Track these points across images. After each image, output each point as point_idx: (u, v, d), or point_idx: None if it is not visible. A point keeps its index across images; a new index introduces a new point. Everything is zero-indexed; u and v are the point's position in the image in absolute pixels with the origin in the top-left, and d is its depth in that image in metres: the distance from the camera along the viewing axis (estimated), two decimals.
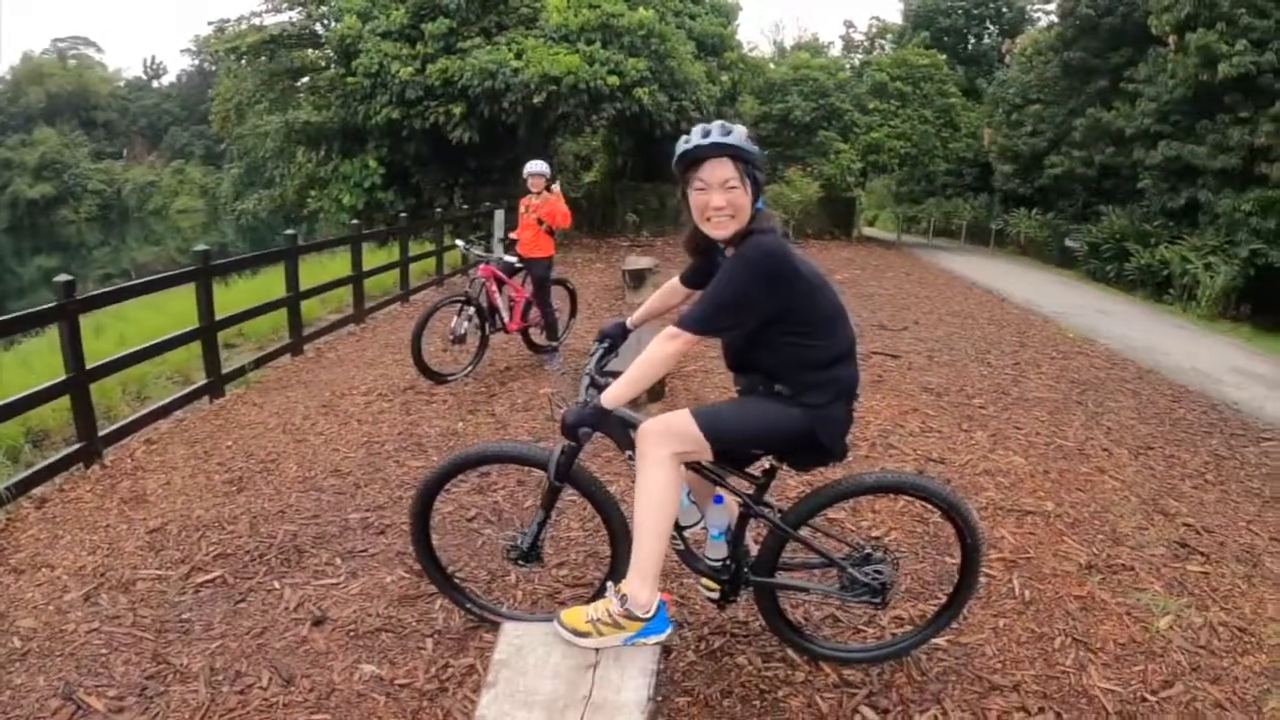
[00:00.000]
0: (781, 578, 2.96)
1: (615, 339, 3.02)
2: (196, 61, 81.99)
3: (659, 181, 22.79)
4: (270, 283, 11.73)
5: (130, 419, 6.22)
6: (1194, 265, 18.39)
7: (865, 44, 39.86)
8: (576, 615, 2.52)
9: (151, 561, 4.12)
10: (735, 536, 2.85)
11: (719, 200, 2.45)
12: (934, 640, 3.22)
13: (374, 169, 19.32)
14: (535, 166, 7.70)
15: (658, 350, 2.46)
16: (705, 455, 2.58)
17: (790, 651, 3.14)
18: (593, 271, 15.24)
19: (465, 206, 17.71)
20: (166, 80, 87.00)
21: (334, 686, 3.03)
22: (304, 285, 9.00)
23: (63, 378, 5.51)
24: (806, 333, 2.52)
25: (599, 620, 2.47)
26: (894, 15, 41.53)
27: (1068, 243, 25.41)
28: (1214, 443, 6.73)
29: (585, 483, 2.91)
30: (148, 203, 74.82)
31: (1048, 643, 3.37)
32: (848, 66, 29.71)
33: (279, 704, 2.95)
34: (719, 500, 2.77)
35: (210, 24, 27.25)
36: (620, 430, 2.71)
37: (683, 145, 2.50)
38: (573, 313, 8.77)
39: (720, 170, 2.44)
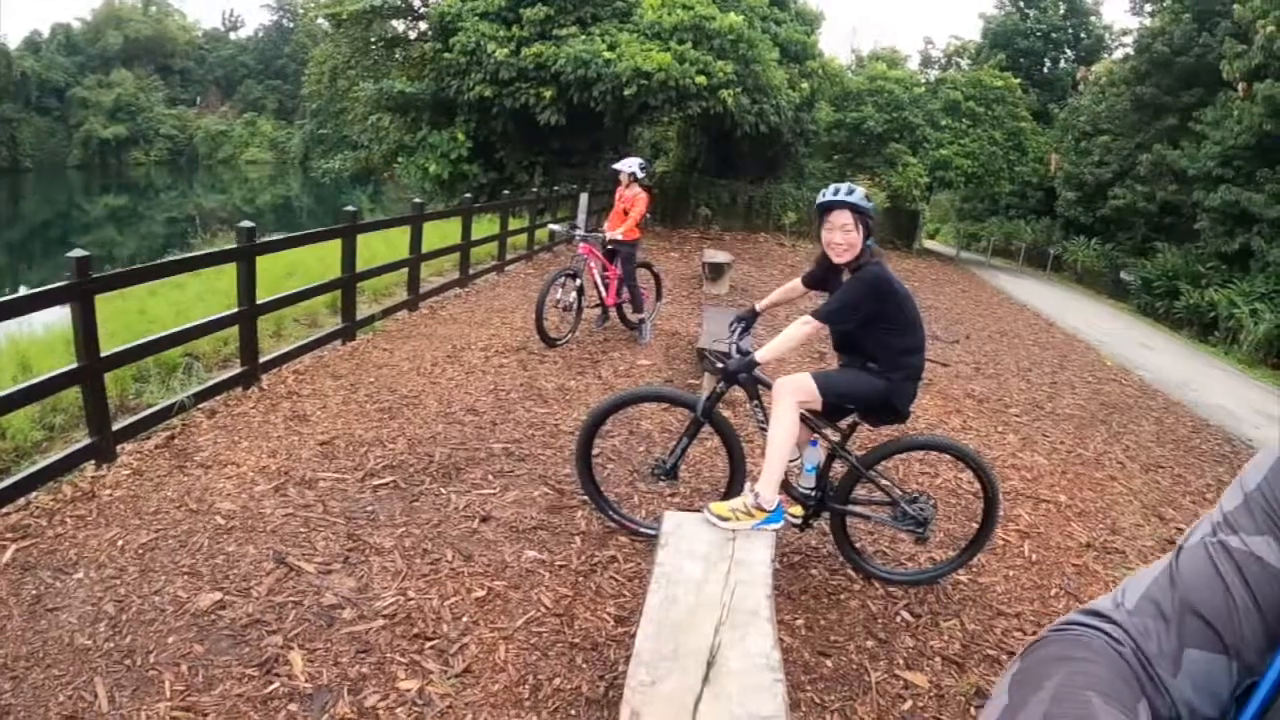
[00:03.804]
0: (852, 508, 4.00)
1: (749, 321, 4.10)
2: (275, 17, 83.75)
3: (733, 178, 23.53)
4: (373, 243, 12.76)
5: (281, 351, 7.25)
6: (1240, 310, 18.98)
7: (942, 60, 40.13)
8: (721, 506, 3.54)
9: (327, 467, 5.13)
10: (822, 472, 3.92)
11: (839, 238, 3.59)
12: (956, 576, 4.24)
13: (461, 142, 20.16)
14: (623, 165, 8.60)
15: (796, 330, 3.58)
16: (816, 406, 3.64)
17: (850, 570, 4.17)
18: (669, 260, 16.05)
19: (555, 188, 18.53)
20: (244, 33, 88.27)
21: (505, 564, 4.07)
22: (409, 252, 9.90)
23: (235, 310, 6.50)
24: (895, 330, 3.64)
25: (737, 510, 3.50)
26: (973, 33, 41.37)
27: (1122, 275, 25.87)
28: (1221, 470, 7.56)
29: (719, 421, 4.02)
30: (217, 151, 76.33)
31: (1045, 591, 4.35)
32: (923, 81, 29.93)
33: (464, 573, 3.96)
34: (814, 444, 3.88)
35: None
36: (752, 384, 3.85)
37: (821, 198, 3.61)
38: (658, 295, 9.70)
39: (841, 218, 3.58)
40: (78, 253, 4.82)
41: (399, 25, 23.83)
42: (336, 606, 3.63)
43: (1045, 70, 39.76)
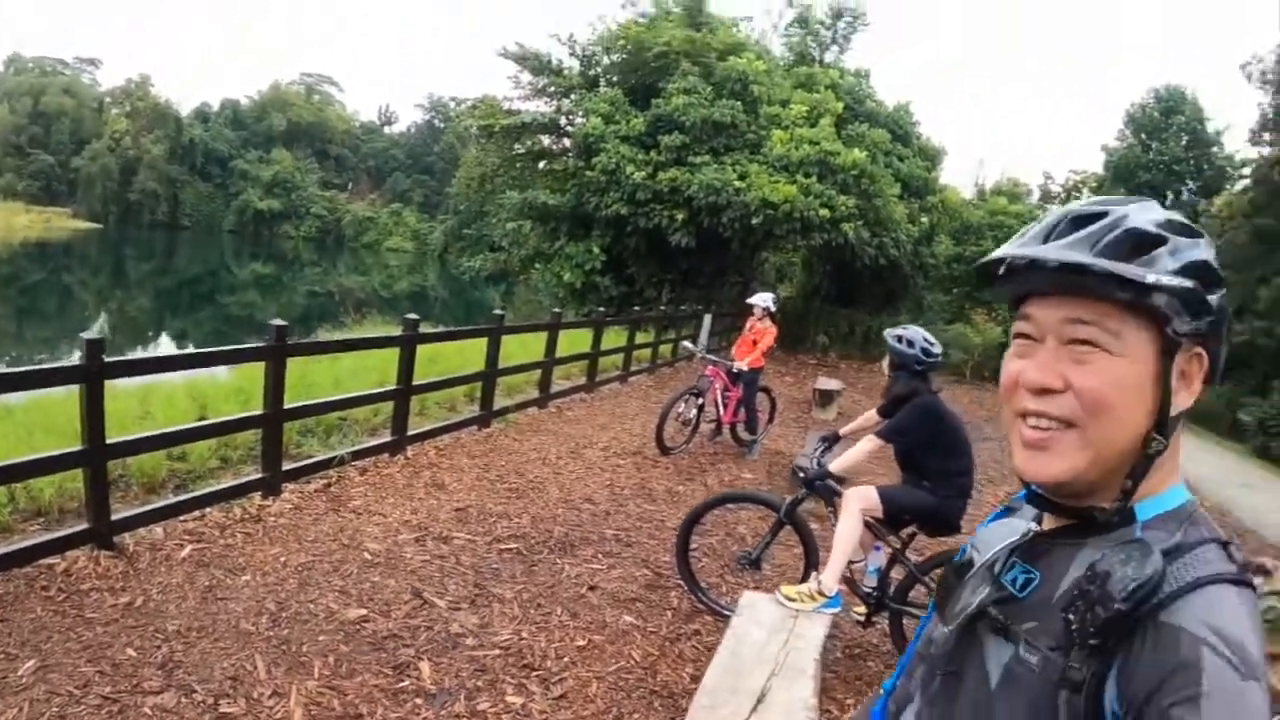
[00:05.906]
0: (908, 609, 4.58)
1: (831, 442, 4.86)
2: (428, 116, 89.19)
3: (853, 308, 24.17)
4: (509, 344, 13.72)
5: (426, 428, 8.32)
6: None
7: (1061, 195, 39.67)
8: (790, 589, 4.23)
9: (461, 529, 6.04)
10: (883, 575, 4.56)
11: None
12: None
13: (596, 254, 21.09)
14: (758, 299, 9.48)
15: (863, 446, 4.34)
16: (878, 513, 4.32)
17: None
18: (783, 384, 16.44)
19: (682, 307, 19.48)
20: (397, 128, 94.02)
21: (605, 624, 4.82)
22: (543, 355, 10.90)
23: (394, 387, 7.62)
24: (945, 453, 4.32)
25: (803, 593, 4.18)
26: (1096, 164, 40.24)
27: (1240, 415, 24.99)
28: None
29: (799, 521, 4.74)
30: (363, 235, 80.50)
31: None
32: (1041, 215, 29.50)
33: (570, 626, 4.73)
34: (878, 548, 4.54)
35: (465, 100, 30.29)
36: (826, 492, 4.56)
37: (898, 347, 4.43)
38: (771, 418, 10.45)
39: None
40: (278, 322, 5.97)
41: (545, 140, 25.37)
42: (461, 635, 4.44)
43: (1167, 204, 38.14)
